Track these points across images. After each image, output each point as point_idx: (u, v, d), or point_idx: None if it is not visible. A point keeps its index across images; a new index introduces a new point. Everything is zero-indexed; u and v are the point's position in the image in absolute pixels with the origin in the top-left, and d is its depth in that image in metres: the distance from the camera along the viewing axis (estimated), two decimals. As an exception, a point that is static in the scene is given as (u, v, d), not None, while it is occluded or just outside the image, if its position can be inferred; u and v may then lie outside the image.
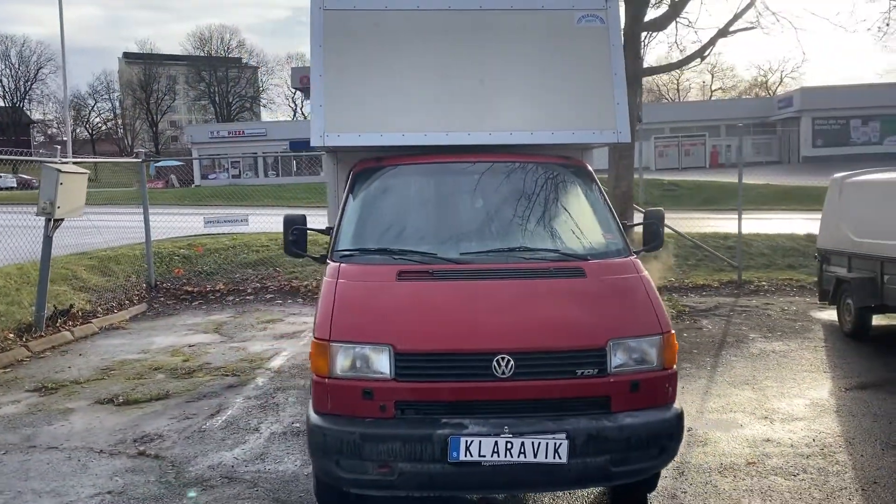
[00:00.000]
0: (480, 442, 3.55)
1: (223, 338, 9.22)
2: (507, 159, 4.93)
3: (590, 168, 5.04)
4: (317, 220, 5.71)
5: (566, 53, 5.12)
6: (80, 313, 10.01)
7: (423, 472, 3.64)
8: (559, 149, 5.22)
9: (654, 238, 4.76)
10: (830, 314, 9.32)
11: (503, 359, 3.64)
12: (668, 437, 3.78)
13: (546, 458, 3.57)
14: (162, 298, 11.78)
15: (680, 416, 3.82)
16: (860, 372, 7.05)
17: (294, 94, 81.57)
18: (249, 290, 12.11)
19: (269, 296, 11.89)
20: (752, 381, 6.84)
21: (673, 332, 3.90)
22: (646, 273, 4.23)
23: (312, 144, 4.89)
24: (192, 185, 50.15)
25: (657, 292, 4.11)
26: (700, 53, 11.56)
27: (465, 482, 3.72)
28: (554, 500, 4.49)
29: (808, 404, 6.16)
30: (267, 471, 4.96)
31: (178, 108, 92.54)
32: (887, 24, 12.66)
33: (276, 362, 7.87)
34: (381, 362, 3.69)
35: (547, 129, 5.02)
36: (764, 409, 6.06)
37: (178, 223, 15.43)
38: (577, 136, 5.04)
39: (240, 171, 61.21)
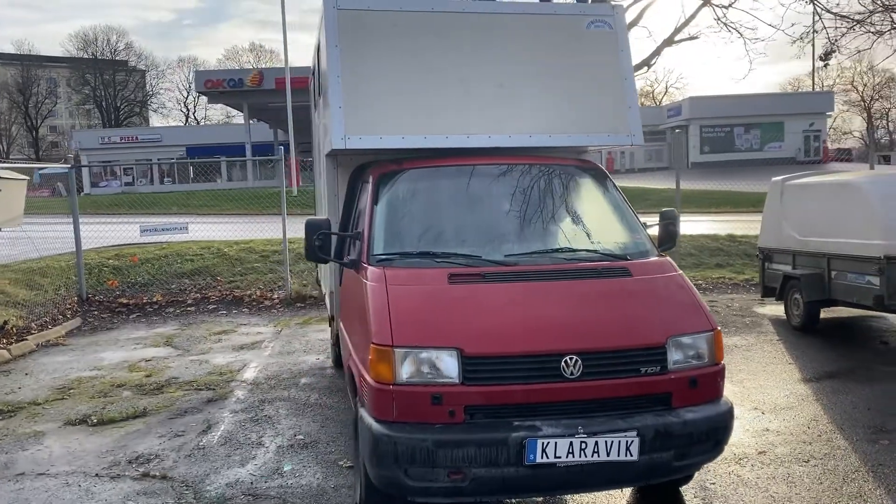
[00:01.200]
0: (556, 443, 3.55)
1: (178, 351, 8.80)
2: (527, 161, 4.95)
3: (605, 170, 5.13)
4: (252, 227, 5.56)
5: (578, 57, 5.20)
6: (13, 330, 9.32)
7: (496, 476, 3.60)
8: (562, 151, 5.31)
9: (669, 238, 4.90)
10: (773, 309, 9.85)
11: (571, 359, 3.66)
12: (724, 430, 3.90)
13: (618, 456, 3.60)
14: (96, 312, 11.12)
15: (732, 410, 3.95)
16: (821, 363, 7.47)
17: (186, 98, 78.87)
18: (190, 301, 11.61)
19: (211, 306, 11.43)
20: (729, 375, 7.10)
21: (719, 328, 4.03)
22: (681, 271, 4.36)
23: (334, 147, 4.76)
24: (82, 194, 47.62)
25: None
26: (647, 62, 12.00)
27: (539, 484, 3.71)
28: (584, 496, 4.54)
29: (789, 395, 6.48)
30: (290, 486, 4.77)
31: (59, 112, 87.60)
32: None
33: (249, 374, 7.58)
34: (449, 366, 3.63)
35: (564, 132, 5.08)
36: (750, 401, 6.33)
37: (94, 233, 14.61)
38: (593, 138, 5.13)
39: (133, 179, 58.58)
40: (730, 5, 13.15)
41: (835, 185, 8.55)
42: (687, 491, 4.57)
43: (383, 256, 4.32)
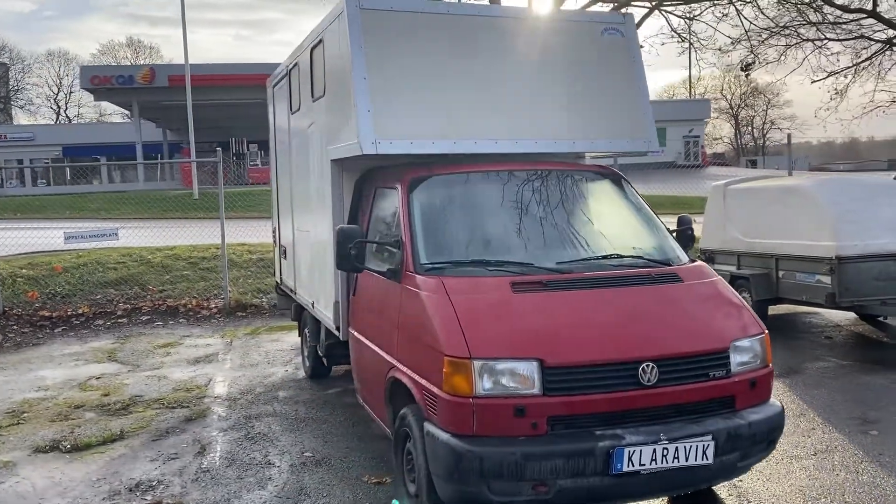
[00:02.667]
0: (641, 451, 3.55)
1: (127, 366, 8.24)
2: (556, 167, 4.95)
3: (624, 176, 5.20)
4: (151, 232, 5.33)
5: (594, 64, 5.24)
6: (-68, 349, 8.46)
7: (582, 486, 3.57)
8: (568, 157, 5.35)
9: (688, 243, 5.01)
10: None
11: (648, 366, 3.67)
12: (779, 429, 4.03)
13: (696, 460, 3.65)
14: (16, 327, 10.27)
15: (784, 410, 4.08)
16: (782, 359, 7.84)
17: (57, 94, 74.15)
18: (120, 313, 10.90)
19: (144, 317, 10.79)
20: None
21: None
22: (719, 276, 4.47)
23: (365, 152, 4.57)
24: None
25: None
26: None
27: (623, 492, 3.70)
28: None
29: (766, 390, 6.76)
30: (323, 506, 4.56)
31: None
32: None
33: (219, 390, 7.19)
34: (531, 378, 3.57)
35: (586, 138, 5.11)
36: (735, 397, 6.57)
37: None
38: (614, 144, 5.18)
39: (2, 181, 54.68)
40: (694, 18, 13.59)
41: (781, 189, 9.03)
42: (720, 489, 4.68)
43: (432, 265, 4.19)
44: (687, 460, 3.63)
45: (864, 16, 12.91)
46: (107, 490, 4.90)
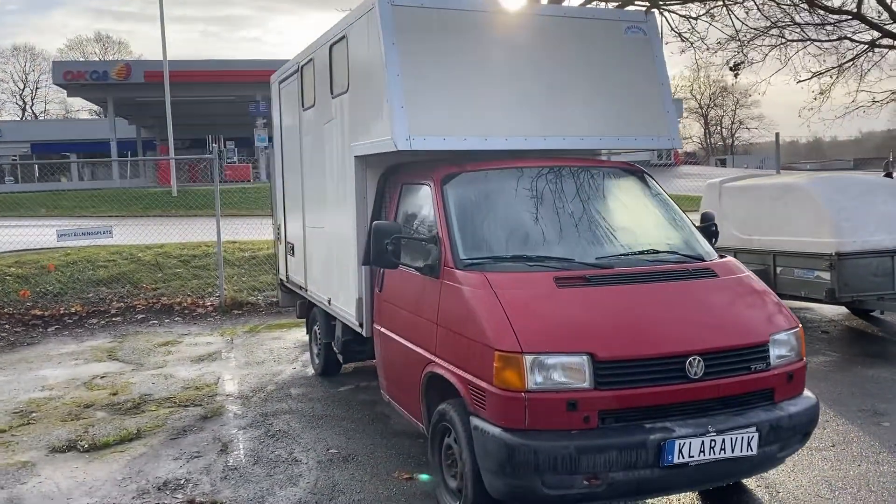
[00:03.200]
0: (690, 443, 3.61)
1: (130, 365, 8.14)
2: (584, 164, 5.00)
3: (650, 173, 5.26)
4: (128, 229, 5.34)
5: (618, 62, 5.29)
6: (-73, 349, 8.29)
7: (633, 479, 3.61)
8: (594, 154, 5.40)
9: (711, 238, 5.09)
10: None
11: (695, 360, 3.73)
12: (815, 422, 4.11)
13: (741, 452, 3.72)
14: (7, 326, 10.09)
15: (818, 402, 4.16)
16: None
17: (23, 90, 72.68)
18: (114, 311, 10.76)
19: (139, 316, 10.66)
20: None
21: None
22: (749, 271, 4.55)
23: (399, 148, 4.57)
24: None
25: None
26: None
27: (671, 484, 3.75)
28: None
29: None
30: (360, 502, 4.55)
31: None
32: None
33: (230, 388, 7.14)
34: (582, 372, 3.60)
35: (612, 135, 5.17)
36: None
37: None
38: (639, 141, 5.24)
39: (-31, 178, 53.48)
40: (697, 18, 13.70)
41: (779, 187, 9.18)
42: (749, 480, 4.76)
43: (472, 261, 4.21)
44: (733, 452, 3.69)
45: (849, 17, 13.17)
46: (134, 489, 4.85)
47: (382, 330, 5.19)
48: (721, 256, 4.69)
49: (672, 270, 4.25)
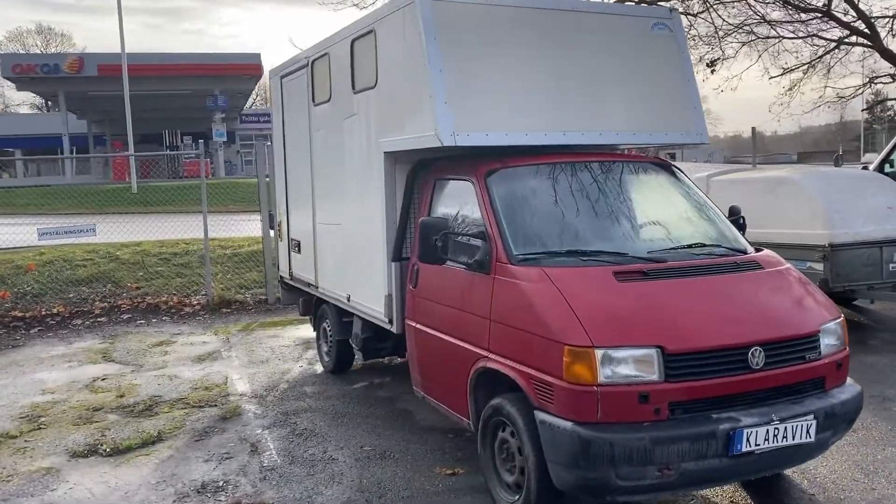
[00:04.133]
0: (756, 432, 3.69)
1: (129, 366, 7.95)
2: (620, 159, 5.06)
3: (679, 167, 5.34)
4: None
5: (647, 58, 5.35)
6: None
7: (702, 468, 3.68)
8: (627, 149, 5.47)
9: (742, 231, 5.19)
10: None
11: (757, 350, 3.81)
12: (860, 409, 4.23)
13: (801, 439, 3.81)
14: (-12, 328, 9.75)
15: (862, 391, 4.29)
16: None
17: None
18: (98, 312, 10.47)
19: (125, 316, 10.40)
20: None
21: None
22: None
23: (444, 143, 4.55)
24: None
25: None
26: None
27: (737, 472, 3.84)
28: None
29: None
30: (411, 497, 4.53)
31: None
32: None
33: (241, 387, 7.03)
34: (653, 365, 3.65)
35: (645, 131, 5.23)
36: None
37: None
38: (670, 137, 5.32)
39: None
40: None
41: (769, 180, 9.40)
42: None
43: (525, 256, 4.23)
44: (793, 439, 3.79)
45: (820, 16, 13.55)
46: (172, 493, 4.75)
47: (418, 326, 5.17)
48: (758, 249, 4.79)
49: (722, 263, 4.32)
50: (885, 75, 14.70)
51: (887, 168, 10.95)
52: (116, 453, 5.47)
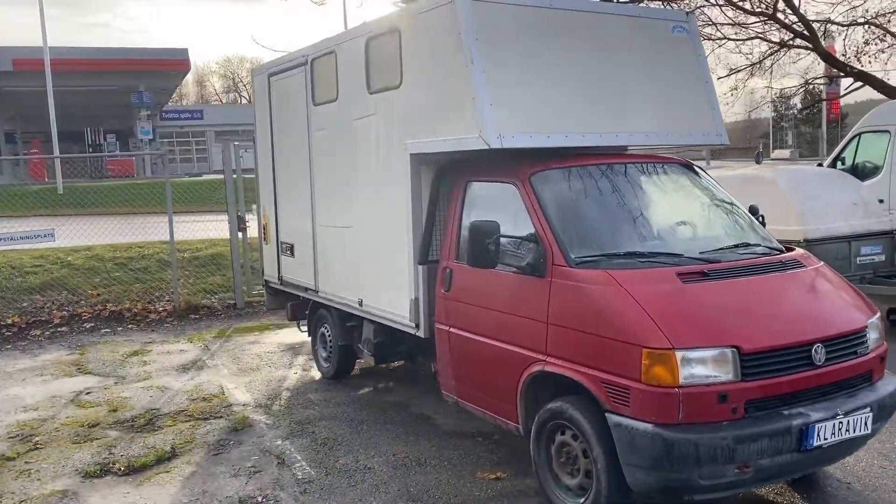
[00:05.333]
0: (825, 426, 3.80)
1: (110, 378, 7.56)
2: (656, 160, 5.14)
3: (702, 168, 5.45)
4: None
5: (668, 60, 5.43)
6: None
7: (777, 464, 3.77)
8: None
9: None
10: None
11: (819, 347, 3.92)
12: None
13: (860, 431, 3.95)
14: (-61, 341, 9.11)
15: None
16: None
17: None
18: (57, 321, 9.93)
19: (87, 325, 9.90)
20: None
21: None
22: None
23: (492, 146, 4.50)
24: None
25: None
26: None
27: (803, 466, 3.95)
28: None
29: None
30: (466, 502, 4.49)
31: None
32: None
33: (240, 397, 6.80)
34: (730, 364, 3.71)
35: (672, 132, 5.30)
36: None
37: None
38: (693, 138, 5.41)
39: None
40: None
41: (741, 178, 9.70)
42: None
43: (584, 259, 4.22)
44: (854, 432, 3.92)
45: (766, 18, 14.08)
46: (211, 511, 4.55)
47: (452, 330, 5.10)
48: (788, 248, 4.92)
49: (770, 262, 4.43)
50: (822, 77, 15.40)
51: (839, 166, 11.46)
52: (133, 472, 5.21)
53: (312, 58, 6.67)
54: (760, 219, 5.39)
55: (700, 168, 5.40)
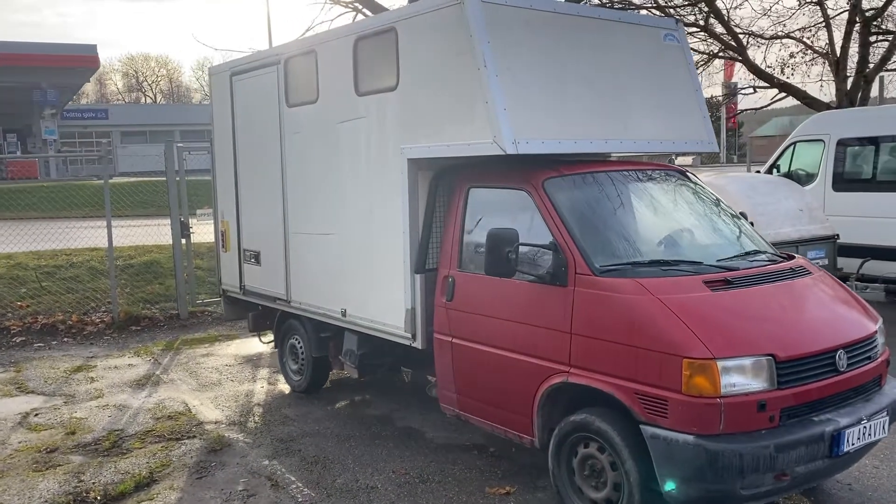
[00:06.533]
0: (853, 432, 3.85)
1: (57, 398, 7.02)
2: (660, 168, 5.16)
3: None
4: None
5: (662, 67, 5.44)
6: None
7: (810, 470, 3.79)
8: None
9: None
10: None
11: (841, 353, 3.98)
12: None
13: (880, 434, 4.04)
14: None
15: None
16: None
17: None
18: (-18, 335, 9.19)
19: (17, 339, 9.19)
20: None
21: None
22: None
23: (507, 152, 4.37)
24: None
25: None
26: None
27: (830, 471, 4.00)
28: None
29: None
30: None
31: None
32: None
33: (209, 414, 6.42)
34: (767, 373, 3.71)
35: (671, 139, 5.31)
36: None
37: None
38: (689, 145, 5.44)
39: None
40: None
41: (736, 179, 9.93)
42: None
43: (608, 268, 4.15)
44: (876, 435, 4.00)
45: (698, 30, 14.54)
46: (212, 541, 4.23)
47: (455, 341, 4.94)
48: (789, 255, 4.98)
49: (782, 270, 4.47)
50: (747, 87, 16.03)
51: (775, 173, 11.90)
52: (111, 500, 4.81)
53: (287, 57, 6.38)
54: (750, 225, 5.47)
55: (696, 177, 5.44)
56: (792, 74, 15.19)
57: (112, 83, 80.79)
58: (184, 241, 10.19)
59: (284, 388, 7.11)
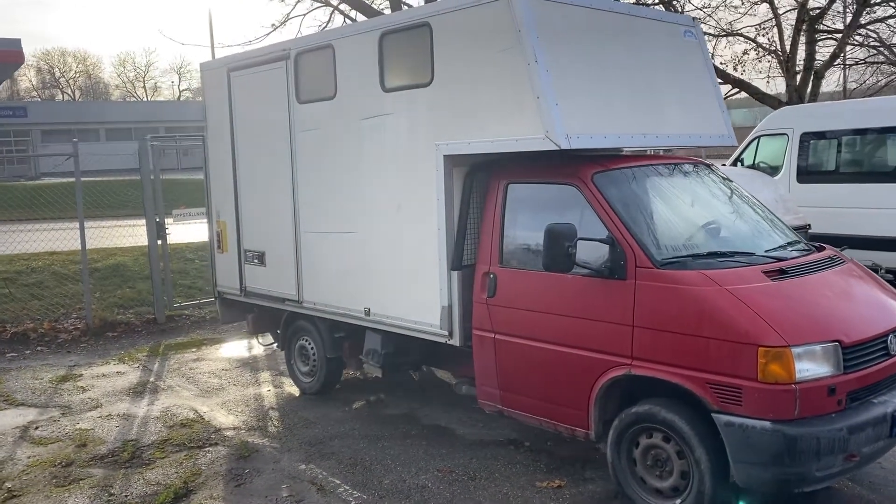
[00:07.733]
0: (908, 413, 4.03)
1: (52, 409, 6.69)
2: (692, 162, 5.26)
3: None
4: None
5: (683, 63, 5.54)
6: None
7: (874, 451, 3.95)
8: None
9: None
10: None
11: (892, 337, 4.15)
12: None
13: (921, 413, 4.23)
14: None
15: None
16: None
17: None
18: (-51, 347, 8.68)
19: (-8, 349, 8.73)
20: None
21: None
22: None
23: (561, 147, 4.38)
24: None
25: None
26: None
27: (885, 451, 4.15)
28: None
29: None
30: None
31: None
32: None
33: (225, 420, 6.23)
34: (834, 358, 3.84)
35: (700, 134, 5.42)
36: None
37: None
38: (711, 139, 5.56)
39: None
40: None
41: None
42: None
43: (670, 260, 4.22)
44: (919, 414, 4.19)
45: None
46: (276, 550, 4.12)
47: (499, 337, 4.93)
48: (819, 247, 5.14)
49: (823, 259, 4.62)
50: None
51: (739, 166, 12.28)
52: (152, 514, 4.63)
53: (298, 52, 6.24)
54: (808, 227, 5.64)
55: (718, 169, 5.58)
56: (744, 71, 15.70)
57: (26, 79, 77.24)
58: (160, 242, 9.85)
59: (292, 390, 6.96)
